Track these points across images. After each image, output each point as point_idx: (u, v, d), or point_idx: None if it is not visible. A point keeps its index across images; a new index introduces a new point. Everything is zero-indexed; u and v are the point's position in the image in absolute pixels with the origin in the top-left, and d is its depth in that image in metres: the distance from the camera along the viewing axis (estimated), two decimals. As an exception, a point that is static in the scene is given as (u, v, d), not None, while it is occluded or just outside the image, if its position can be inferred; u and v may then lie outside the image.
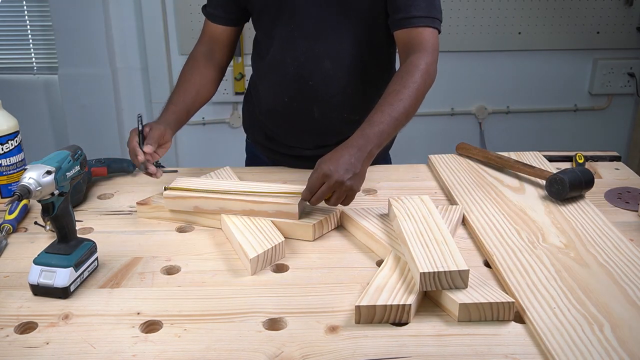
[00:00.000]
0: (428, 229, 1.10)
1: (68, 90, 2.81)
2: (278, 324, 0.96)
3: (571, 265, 1.08)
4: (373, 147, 1.21)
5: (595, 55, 2.97)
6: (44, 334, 0.93)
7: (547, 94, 3.02)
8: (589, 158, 1.59)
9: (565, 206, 1.30)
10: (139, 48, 2.80)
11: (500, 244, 1.15)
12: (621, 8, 2.87)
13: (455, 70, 2.92)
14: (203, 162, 1.58)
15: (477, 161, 1.54)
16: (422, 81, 1.29)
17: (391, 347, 0.90)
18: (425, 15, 1.33)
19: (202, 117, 2.93)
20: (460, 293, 0.97)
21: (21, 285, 1.04)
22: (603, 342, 0.88)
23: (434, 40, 1.35)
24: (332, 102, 1.48)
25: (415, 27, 1.34)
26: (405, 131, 1.38)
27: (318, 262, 1.14)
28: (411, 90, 1.27)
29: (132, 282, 1.07)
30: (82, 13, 2.68)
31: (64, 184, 1.01)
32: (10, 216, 1.25)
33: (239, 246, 1.12)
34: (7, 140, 1.35)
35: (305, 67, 1.43)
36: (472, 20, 2.83)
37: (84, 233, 1.23)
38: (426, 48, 1.33)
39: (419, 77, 1.29)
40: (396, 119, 1.24)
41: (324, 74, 1.44)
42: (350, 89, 1.47)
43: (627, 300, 0.98)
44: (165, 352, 0.89)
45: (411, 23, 1.34)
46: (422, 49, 1.33)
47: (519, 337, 0.92)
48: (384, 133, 1.22)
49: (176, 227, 1.26)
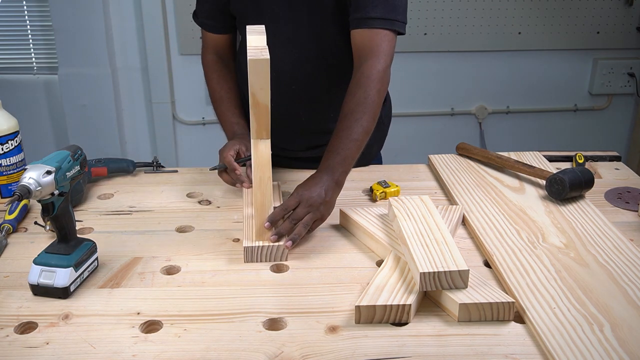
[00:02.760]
0: (428, 229, 1.10)
1: (68, 90, 2.81)
2: (278, 324, 0.96)
3: (571, 265, 1.08)
4: (339, 176, 1.22)
5: (595, 55, 2.96)
6: (44, 334, 0.93)
7: (547, 94, 3.02)
8: (589, 158, 1.59)
9: (565, 206, 1.30)
10: (139, 48, 2.80)
11: (500, 244, 1.15)
12: (621, 8, 2.87)
13: (455, 70, 2.92)
14: (203, 162, 1.58)
15: (477, 161, 1.54)
16: (375, 92, 1.27)
17: (391, 347, 0.90)
18: (381, 16, 1.28)
19: (202, 117, 2.93)
20: (460, 293, 0.97)
21: (21, 285, 1.04)
22: (603, 342, 0.88)
23: (387, 44, 1.31)
24: (317, 104, 1.48)
25: (369, 28, 1.30)
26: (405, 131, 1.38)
27: (318, 262, 1.14)
28: (366, 107, 1.26)
29: (132, 282, 1.07)
30: (82, 13, 2.68)
31: (64, 184, 1.01)
32: (10, 216, 1.25)
33: None
34: (7, 140, 1.35)
35: (286, 72, 1.43)
36: (472, 20, 2.83)
37: (84, 233, 1.23)
38: (378, 53, 1.29)
39: (372, 89, 1.27)
40: (356, 140, 1.24)
41: (305, 77, 1.44)
42: (334, 88, 1.46)
43: (627, 300, 0.98)
44: (165, 352, 0.89)
45: (366, 24, 1.30)
46: (375, 55, 1.29)
47: (519, 337, 0.92)
48: (347, 158, 1.23)
49: (176, 227, 1.26)
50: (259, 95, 1.11)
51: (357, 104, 1.26)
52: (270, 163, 1.16)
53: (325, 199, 1.19)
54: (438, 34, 2.83)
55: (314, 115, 1.50)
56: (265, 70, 1.07)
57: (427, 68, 2.90)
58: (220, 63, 1.54)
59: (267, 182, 1.15)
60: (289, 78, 1.44)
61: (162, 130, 2.93)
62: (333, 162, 1.23)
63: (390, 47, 1.32)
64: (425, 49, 2.84)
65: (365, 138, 1.27)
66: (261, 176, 1.15)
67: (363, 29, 1.31)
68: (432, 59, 2.88)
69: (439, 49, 2.87)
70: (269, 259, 1.13)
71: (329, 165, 1.23)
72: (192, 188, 1.44)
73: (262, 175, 1.15)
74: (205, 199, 1.39)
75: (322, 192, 1.18)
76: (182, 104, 2.92)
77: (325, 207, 1.19)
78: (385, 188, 1.38)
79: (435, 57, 2.88)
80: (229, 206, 1.35)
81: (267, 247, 1.13)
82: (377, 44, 1.30)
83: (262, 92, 1.10)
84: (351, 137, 1.24)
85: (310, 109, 1.49)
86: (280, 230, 1.14)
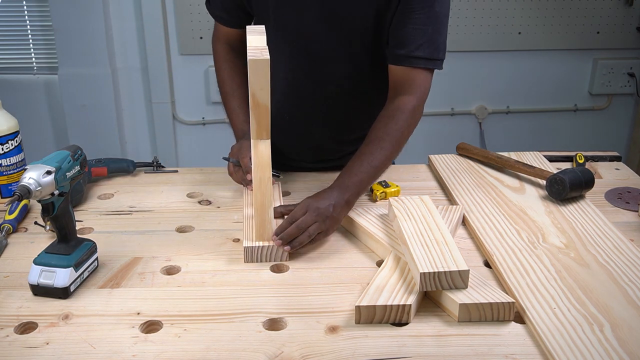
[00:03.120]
0: (428, 229, 1.10)
1: (68, 90, 2.81)
2: (278, 324, 0.96)
3: (571, 265, 1.08)
4: (350, 196, 1.21)
5: (595, 55, 2.96)
6: (44, 334, 0.93)
7: (547, 94, 3.02)
8: (589, 158, 1.59)
9: (566, 206, 1.30)
10: (139, 48, 2.80)
11: (500, 244, 1.15)
12: (621, 8, 2.87)
13: (455, 70, 2.91)
14: (203, 162, 1.58)
15: (477, 161, 1.53)
16: (405, 126, 1.27)
17: (391, 347, 0.90)
18: (426, 57, 1.28)
19: (202, 117, 2.93)
20: (460, 293, 0.97)
21: (21, 285, 1.04)
22: (603, 342, 0.88)
23: (426, 83, 1.31)
24: (333, 124, 1.47)
25: (412, 67, 1.29)
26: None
27: (318, 262, 1.14)
28: (393, 138, 1.26)
29: (132, 282, 1.07)
30: (82, 13, 2.68)
31: (64, 184, 1.01)
32: (10, 216, 1.25)
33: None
34: (7, 140, 1.35)
35: (307, 90, 1.41)
36: (472, 20, 2.83)
37: (84, 233, 1.23)
38: (416, 91, 1.29)
39: (403, 123, 1.27)
40: (376, 167, 1.24)
41: (326, 97, 1.42)
42: (353, 111, 1.45)
43: (627, 300, 0.98)
44: (165, 352, 0.89)
45: (409, 62, 1.28)
46: (413, 91, 1.29)
47: (519, 337, 0.92)
48: (362, 182, 1.23)
49: (176, 227, 1.26)
50: (259, 96, 1.11)
51: (387, 134, 1.26)
52: (270, 163, 1.16)
53: (333, 214, 1.17)
54: (438, 34, 2.83)
55: (328, 134, 1.49)
56: (265, 71, 1.07)
57: (427, 68, 2.89)
58: (232, 53, 1.50)
59: (267, 182, 1.15)
60: (310, 95, 1.42)
61: (162, 130, 2.93)
62: (348, 181, 1.22)
63: (428, 85, 1.32)
64: (425, 49, 2.83)
65: (384, 168, 1.27)
66: (261, 176, 1.15)
67: (405, 67, 1.29)
68: (432, 59, 2.88)
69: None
70: (269, 259, 1.13)
71: (343, 183, 1.22)
72: (192, 188, 1.44)
73: (262, 175, 1.15)
74: (205, 199, 1.39)
75: (331, 206, 1.17)
76: (182, 104, 2.92)
77: (330, 222, 1.17)
78: (385, 188, 1.38)
79: (435, 57, 2.88)
80: (229, 206, 1.35)
81: (267, 247, 1.13)
82: (415, 82, 1.30)
83: (262, 92, 1.10)
84: (372, 163, 1.24)
85: (325, 128, 1.48)
86: (284, 236, 1.13)
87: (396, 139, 1.26)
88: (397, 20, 1.28)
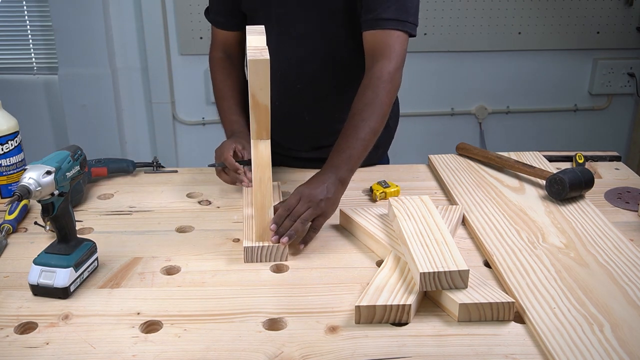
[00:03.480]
0: (428, 229, 1.10)
1: (68, 90, 2.81)
2: (278, 324, 0.96)
3: (571, 265, 1.08)
4: (343, 173, 1.21)
5: (595, 55, 2.96)
6: (44, 334, 0.93)
7: (547, 94, 3.02)
8: (589, 158, 1.59)
9: (565, 206, 1.30)
10: (139, 48, 2.80)
11: (500, 244, 1.15)
12: (621, 8, 2.87)
13: (455, 70, 2.92)
14: (203, 162, 1.58)
15: (477, 161, 1.54)
16: (384, 94, 1.27)
17: (391, 347, 0.90)
18: (393, 17, 1.28)
19: (201, 117, 2.93)
20: (460, 293, 0.97)
21: (21, 285, 1.04)
22: (603, 342, 0.88)
23: (399, 46, 1.30)
24: (322, 105, 1.48)
25: (382, 29, 1.29)
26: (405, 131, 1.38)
27: (318, 262, 1.14)
28: (375, 107, 1.26)
29: (132, 282, 1.07)
30: (82, 13, 2.68)
31: (64, 184, 1.01)
32: (10, 216, 1.25)
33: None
34: (7, 141, 1.35)
35: (292, 72, 1.43)
36: (472, 20, 2.83)
37: (84, 233, 1.23)
38: (390, 54, 1.29)
39: (382, 91, 1.27)
40: (363, 139, 1.24)
41: (311, 76, 1.44)
42: (339, 90, 1.46)
43: (627, 300, 0.98)
44: (165, 352, 0.89)
45: (378, 25, 1.29)
46: (387, 56, 1.29)
47: (519, 337, 0.92)
48: (352, 157, 1.23)
49: (176, 227, 1.26)
50: (259, 96, 1.11)
51: (366, 104, 1.26)
52: (270, 164, 1.16)
53: (327, 195, 1.17)
54: (438, 34, 2.83)
55: (319, 116, 1.50)
56: (265, 71, 1.07)
57: (427, 68, 2.90)
58: (227, 60, 1.54)
59: (267, 182, 1.15)
60: (295, 77, 1.44)
61: (162, 131, 2.93)
62: (338, 160, 1.22)
63: (402, 49, 1.31)
64: (425, 49, 2.84)
65: (373, 138, 1.26)
66: (261, 177, 1.15)
67: (375, 30, 1.30)
68: (432, 59, 2.88)
69: (439, 49, 2.86)
70: (269, 259, 1.13)
71: (333, 163, 1.22)
72: (192, 188, 1.44)
73: (262, 175, 1.15)
74: (205, 199, 1.39)
75: (324, 188, 1.17)
76: (182, 104, 2.92)
77: (327, 203, 1.18)
78: (385, 188, 1.38)
79: (435, 57, 2.88)
80: (229, 206, 1.35)
81: (267, 247, 1.13)
82: (388, 45, 1.30)
83: (262, 92, 1.10)
84: (358, 136, 1.23)
85: (314, 110, 1.49)
86: (281, 230, 1.14)
87: (377, 107, 1.26)
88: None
